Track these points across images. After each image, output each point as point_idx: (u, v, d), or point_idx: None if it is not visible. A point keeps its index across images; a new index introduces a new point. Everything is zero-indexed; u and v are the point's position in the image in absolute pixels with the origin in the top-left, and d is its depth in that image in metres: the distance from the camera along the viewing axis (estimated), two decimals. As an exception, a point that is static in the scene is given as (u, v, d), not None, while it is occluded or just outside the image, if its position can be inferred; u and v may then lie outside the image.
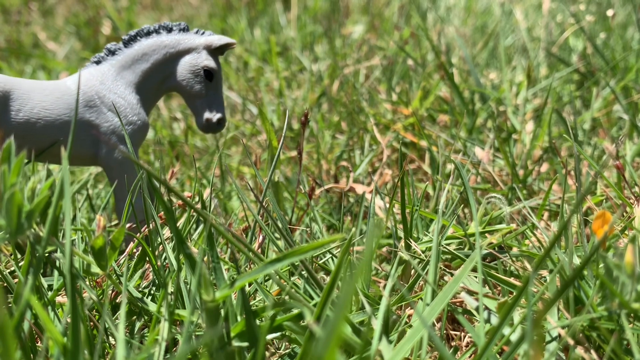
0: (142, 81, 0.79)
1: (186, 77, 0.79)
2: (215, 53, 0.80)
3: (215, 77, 0.79)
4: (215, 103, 0.79)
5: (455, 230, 0.70)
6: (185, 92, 0.79)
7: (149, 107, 0.81)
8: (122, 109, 0.77)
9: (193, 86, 0.78)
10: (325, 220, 0.93)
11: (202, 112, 0.78)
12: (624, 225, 0.64)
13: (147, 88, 0.79)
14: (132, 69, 0.79)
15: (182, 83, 0.79)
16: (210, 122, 0.78)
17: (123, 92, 0.78)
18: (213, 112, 0.78)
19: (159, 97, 0.82)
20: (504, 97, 1.19)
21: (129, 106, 0.77)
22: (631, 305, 0.48)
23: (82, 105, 0.76)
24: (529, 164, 1.01)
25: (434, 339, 0.45)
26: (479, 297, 0.50)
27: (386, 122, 1.18)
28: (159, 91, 0.81)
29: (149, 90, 0.79)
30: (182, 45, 0.79)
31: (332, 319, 0.30)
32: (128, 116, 0.77)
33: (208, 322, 0.45)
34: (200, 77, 0.78)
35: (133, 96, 0.78)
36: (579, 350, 0.50)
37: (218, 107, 0.79)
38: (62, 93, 0.76)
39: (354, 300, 0.56)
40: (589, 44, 1.40)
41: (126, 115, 0.77)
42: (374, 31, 1.90)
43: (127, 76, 0.79)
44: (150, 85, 0.79)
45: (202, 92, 0.78)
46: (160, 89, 0.80)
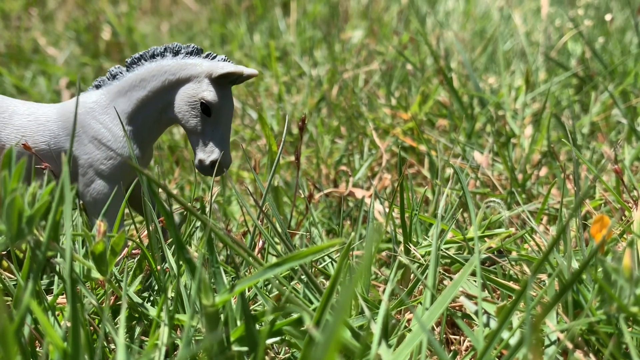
0: (137, 111, 0.70)
1: (182, 109, 0.69)
2: (221, 83, 0.68)
3: (214, 111, 0.68)
4: (212, 141, 0.68)
5: (454, 235, 0.70)
6: (183, 126, 0.70)
7: (147, 140, 0.71)
8: (103, 141, 0.69)
9: (188, 120, 0.68)
10: (324, 224, 0.93)
11: (197, 151, 0.68)
12: (623, 229, 0.64)
13: (142, 119, 0.70)
14: (127, 97, 0.70)
15: (178, 116, 0.69)
16: (202, 164, 0.68)
17: (110, 123, 0.70)
18: (208, 153, 0.67)
19: (161, 129, 0.72)
20: (503, 102, 1.20)
21: (113, 139, 0.69)
22: (629, 309, 0.48)
23: (63, 134, 0.70)
24: (528, 168, 1.01)
25: (433, 343, 0.45)
26: (478, 301, 0.50)
27: (385, 126, 1.18)
28: (158, 123, 0.71)
29: (145, 121, 0.70)
30: (183, 72, 0.69)
31: (331, 323, 0.30)
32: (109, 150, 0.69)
33: (208, 327, 0.45)
34: (197, 110, 0.68)
35: (121, 128, 0.69)
36: (578, 354, 0.50)
37: (215, 147, 0.67)
38: (47, 119, 0.71)
39: (353, 304, 0.57)
40: (588, 49, 1.41)
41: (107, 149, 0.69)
42: (373, 36, 1.90)
43: (121, 104, 0.70)
44: (147, 115, 0.70)
45: (197, 129, 0.68)
46: (159, 120, 0.71)
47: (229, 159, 0.69)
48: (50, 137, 0.70)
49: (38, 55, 2.14)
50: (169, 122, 0.71)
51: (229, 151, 0.68)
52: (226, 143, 0.68)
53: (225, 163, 0.68)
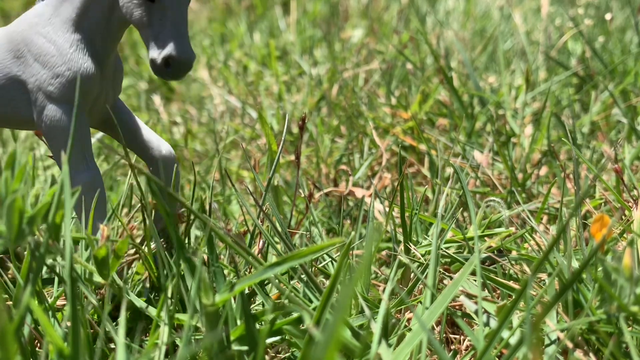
0: (82, 15, 0.59)
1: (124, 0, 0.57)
2: None
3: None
4: (162, 33, 0.55)
5: (454, 234, 0.70)
6: (132, 23, 0.58)
7: (101, 50, 0.61)
8: (47, 57, 0.59)
9: (132, 13, 0.57)
10: (324, 224, 0.93)
11: (149, 50, 0.57)
12: (623, 228, 0.64)
13: (90, 24, 0.60)
14: (70, 1, 0.60)
15: (123, 11, 0.58)
16: (155, 63, 0.56)
17: (54, 35, 0.60)
18: (159, 49, 0.55)
19: (116, 34, 0.61)
20: (503, 101, 1.19)
21: (58, 52, 0.59)
22: (630, 308, 0.48)
23: (9, 57, 0.61)
24: (528, 167, 1.01)
25: (433, 342, 0.45)
26: (478, 300, 0.50)
27: (385, 126, 1.18)
28: (109, 25, 0.60)
29: (92, 26, 0.60)
30: None
31: (331, 322, 0.30)
32: (55, 66, 0.59)
33: (208, 326, 0.45)
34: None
35: (67, 38, 0.59)
36: (578, 353, 0.50)
37: (166, 39, 0.55)
38: None
39: (353, 303, 0.57)
40: (588, 48, 1.40)
41: (53, 65, 0.59)
42: (373, 35, 1.90)
43: (64, 12, 0.60)
44: (94, 18, 0.60)
45: (143, 21, 0.56)
46: (110, 21, 0.60)
47: (187, 54, 0.56)
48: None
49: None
50: (122, 23, 0.60)
51: (187, 44, 0.56)
52: (180, 34, 0.56)
53: (182, 58, 0.56)
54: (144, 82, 1.91)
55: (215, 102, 1.63)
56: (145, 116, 1.63)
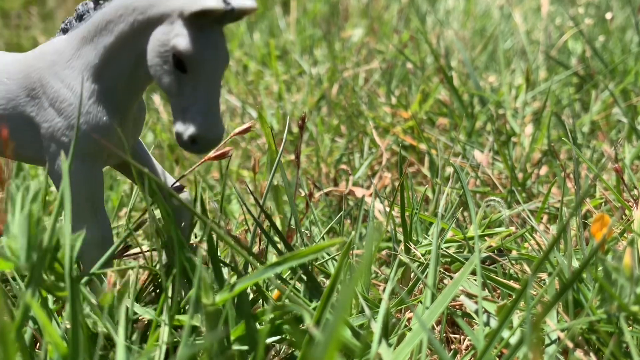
0: (105, 63, 0.53)
1: (154, 62, 0.50)
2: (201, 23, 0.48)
3: (191, 65, 0.48)
4: (192, 107, 0.49)
5: (454, 234, 0.70)
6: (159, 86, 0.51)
7: (122, 103, 0.55)
8: (64, 105, 0.54)
9: (161, 78, 0.49)
10: (324, 223, 0.93)
11: (175, 121, 0.50)
12: (623, 228, 0.64)
13: (113, 74, 0.53)
14: (94, 44, 0.53)
15: (151, 72, 0.50)
16: (180, 138, 0.49)
17: (73, 80, 0.54)
18: (186, 124, 0.49)
19: (140, 88, 0.55)
20: (503, 101, 1.19)
21: (76, 101, 0.53)
22: (630, 308, 0.48)
23: (23, 95, 0.56)
24: (528, 167, 1.01)
25: (434, 342, 0.45)
26: (479, 300, 0.50)
27: (385, 125, 1.18)
28: (134, 80, 0.54)
29: (116, 77, 0.53)
30: (154, 9, 0.50)
31: (331, 322, 0.30)
32: (72, 117, 0.53)
33: (208, 326, 0.45)
34: (169, 64, 0.49)
35: (87, 87, 0.53)
36: (578, 353, 0.50)
37: (195, 115, 0.49)
38: (6, 75, 0.57)
39: (353, 303, 0.57)
40: (588, 47, 1.40)
41: (69, 115, 0.54)
42: (373, 35, 1.90)
43: (86, 55, 0.54)
44: (118, 70, 0.53)
45: (171, 89, 0.49)
46: (135, 76, 0.53)
47: (215, 132, 0.49)
48: (6, 98, 0.56)
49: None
50: (149, 78, 0.53)
51: (217, 121, 0.49)
52: (211, 109, 0.49)
53: (209, 138, 0.49)
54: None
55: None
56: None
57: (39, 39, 2.23)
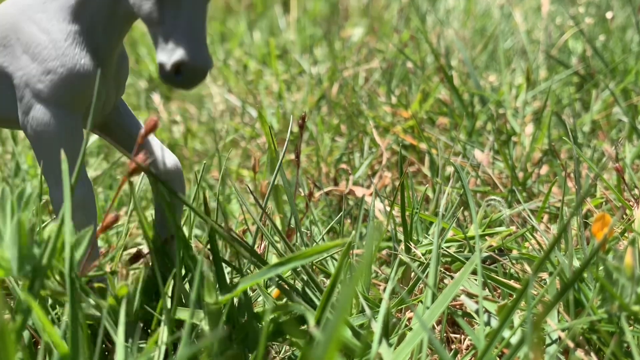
0: (82, 3, 0.50)
1: None
2: None
3: None
4: (175, 33, 0.45)
5: (455, 233, 0.70)
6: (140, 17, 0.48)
7: (103, 44, 0.51)
8: (38, 49, 0.50)
9: (141, 5, 0.47)
10: (324, 223, 0.93)
11: (157, 51, 0.46)
12: (624, 227, 0.64)
13: (91, 14, 0.50)
14: None
15: (129, 1, 0.48)
16: (163, 68, 0.45)
17: (47, 23, 0.50)
18: (169, 51, 0.45)
19: (121, 27, 0.51)
20: (504, 100, 1.19)
21: (52, 44, 0.50)
22: (631, 307, 0.48)
23: None
24: (529, 166, 1.01)
25: (434, 342, 0.45)
26: (479, 299, 0.50)
27: (386, 124, 1.18)
28: (114, 16, 0.50)
29: (94, 15, 0.50)
30: None
31: (331, 322, 0.30)
32: (47, 60, 0.50)
33: (210, 325, 0.45)
34: None
35: (63, 28, 0.50)
36: (579, 353, 0.50)
37: (179, 41, 0.45)
38: None
39: (354, 303, 0.57)
40: (589, 47, 1.40)
41: (44, 59, 0.50)
42: (374, 34, 1.90)
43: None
44: (96, 9, 0.50)
45: (152, 16, 0.46)
46: (114, 12, 0.50)
47: (202, 60, 0.45)
48: None
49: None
50: (129, 16, 0.50)
51: (203, 47, 0.45)
52: (197, 34, 0.45)
53: (196, 65, 0.45)
54: (144, 80, 1.91)
55: (215, 100, 1.62)
56: (144, 115, 1.63)
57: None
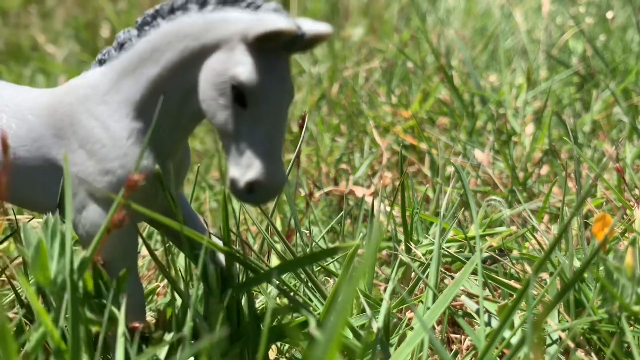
0: (149, 98, 0.46)
1: (207, 95, 0.43)
2: (265, 50, 0.42)
3: (252, 99, 0.42)
4: (250, 149, 0.42)
5: (455, 233, 0.70)
6: (212, 123, 0.44)
7: (166, 145, 0.47)
8: (97, 146, 0.46)
9: (215, 114, 0.43)
10: (324, 223, 0.93)
11: (229, 164, 0.43)
12: (624, 227, 0.64)
13: (158, 111, 0.46)
14: (135, 76, 0.46)
15: (203, 106, 0.44)
16: (235, 185, 0.42)
17: (108, 118, 0.46)
18: (242, 167, 0.42)
19: (187, 127, 0.48)
20: (504, 100, 1.19)
21: (112, 142, 0.46)
22: (631, 307, 0.48)
23: (49, 134, 0.48)
24: (529, 166, 1.01)
25: (435, 342, 0.45)
26: (479, 300, 0.50)
27: (386, 124, 1.18)
28: (180, 117, 0.46)
29: (160, 114, 0.46)
30: (209, 33, 0.43)
31: (332, 322, 0.30)
32: (105, 160, 0.46)
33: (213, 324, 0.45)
34: (226, 97, 0.42)
35: (125, 126, 0.46)
36: (580, 353, 0.50)
37: (254, 158, 0.42)
38: (30, 112, 0.49)
39: (355, 303, 0.56)
40: (589, 47, 1.40)
41: (103, 158, 0.46)
42: (374, 34, 1.90)
43: (125, 89, 0.47)
44: (164, 106, 0.46)
45: (227, 127, 0.42)
46: (182, 113, 0.46)
47: (276, 180, 0.42)
48: (30, 138, 0.49)
49: (37, 52, 2.13)
50: (197, 117, 0.46)
51: (279, 166, 0.42)
52: (273, 152, 0.42)
53: (268, 186, 0.42)
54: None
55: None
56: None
57: (38, 37, 2.23)
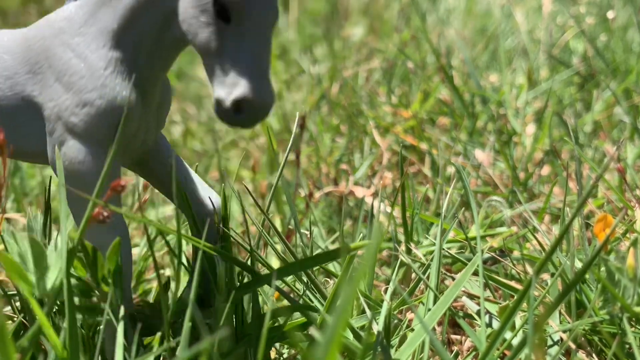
0: (126, 26, 0.45)
1: (187, 15, 0.42)
2: None
3: (236, 13, 0.41)
4: (236, 65, 0.41)
5: (456, 234, 0.70)
6: (193, 45, 0.43)
7: (146, 74, 0.46)
8: (74, 78, 0.45)
9: (197, 33, 0.42)
10: (324, 223, 0.93)
11: (214, 84, 0.42)
12: (626, 228, 0.63)
13: (135, 40, 0.45)
14: (111, 6, 0.45)
15: (183, 27, 0.43)
16: (221, 105, 0.41)
17: (85, 48, 0.45)
18: (229, 85, 0.41)
19: (167, 56, 0.47)
20: (505, 100, 1.19)
21: (89, 73, 0.45)
22: (633, 308, 0.48)
23: (23, 71, 0.47)
24: (530, 166, 1.00)
25: (435, 343, 0.44)
26: (480, 301, 0.50)
27: (386, 125, 1.18)
28: (160, 44, 0.46)
29: (139, 43, 0.45)
30: None
31: (332, 323, 0.30)
32: (83, 91, 0.45)
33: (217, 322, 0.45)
34: (208, 14, 0.41)
35: (102, 55, 0.45)
36: (581, 354, 0.50)
37: (241, 74, 0.40)
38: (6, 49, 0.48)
39: (355, 304, 0.56)
40: (590, 46, 1.40)
41: (80, 89, 0.45)
42: (374, 33, 1.89)
43: (102, 19, 0.46)
44: (142, 33, 0.45)
45: (210, 45, 0.41)
46: (161, 39, 0.45)
47: (265, 96, 0.41)
48: (2, 76, 0.47)
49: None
50: (177, 44, 0.45)
51: (267, 83, 0.41)
52: (260, 68, 0.41)
53: (257, 102, 0.40)
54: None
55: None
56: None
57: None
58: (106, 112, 0.44)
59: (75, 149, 0.45)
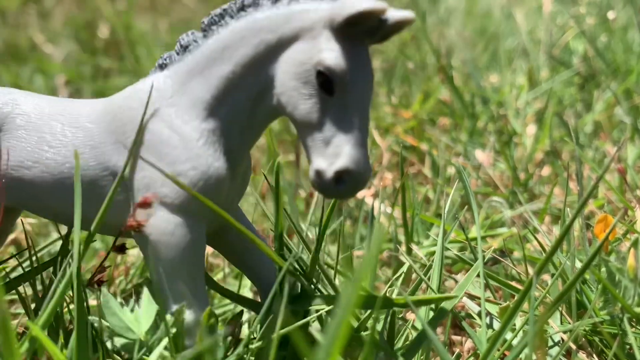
0: (220, 98, 0.45)
1: (287, 87, 0.42)
2: (351, 36, 0.41)
3: (340, 85, 0.41)
4: (337, 137, 0.41)
5: (456, 235, 0.70)
6: (291, 117, 0.43)
7: (238, 146, 0.46)
8: (166, 149, 0.44)
9: (297, 105, 0.42)
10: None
11: (312, 156, 0.42)
12: (626, 229, 0.63)
13: (229, 110, 0.45)
14: (205, 76, 0.45)
15: (282, 100, 0.43)
16: (322, 177, 0.41)
17: (177, 120, 0.45)
18: (330, 157, 0.41)
19: (259, 127, 0.46)
20: (505, 100, 1.19)
21: (182, 144, 0.44)
22: (633, 309, 0.48)
23: (109, 141, 0.46)
24: (530, 167, 1.00)
25: (437, 344, 0.44)
26: (481, 302, 0.50)
27: (386, 125, 1.18)
28: (253, 116, 0.45)
29: (233, 113, 0.45)
30: (288, 25, 0.42)
31: (334, 324, 0.30)
32: (176, 162, 0.44)
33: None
34: (311, 85, 0.41)
35: (195, 126, 0.44)
36: (582, 354, 0.50)
37: (342, 146, 0.41)
38: (91, 118, 0.47)
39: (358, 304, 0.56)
40: (590, 47, 1.40)
41: (173, 161, 0.44)
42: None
43: (194, 90, 0.45)
44: (236, 105, 0.45)
45: (311, 117, 0.41)
46: (255, 112, 0.45)
47: (366, 168, 0.41)
48: (88, 145, 0.46)
49: (35, 52, 2.13)
50: (270, 115, 0.45)
51: (367, 155, 0.41)
52: (361, 140, 0.41)
53: (358, 174, 0.41)
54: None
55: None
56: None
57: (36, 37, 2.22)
58: (198, 183, 0.44)
59: (164, 221, 0.44)
